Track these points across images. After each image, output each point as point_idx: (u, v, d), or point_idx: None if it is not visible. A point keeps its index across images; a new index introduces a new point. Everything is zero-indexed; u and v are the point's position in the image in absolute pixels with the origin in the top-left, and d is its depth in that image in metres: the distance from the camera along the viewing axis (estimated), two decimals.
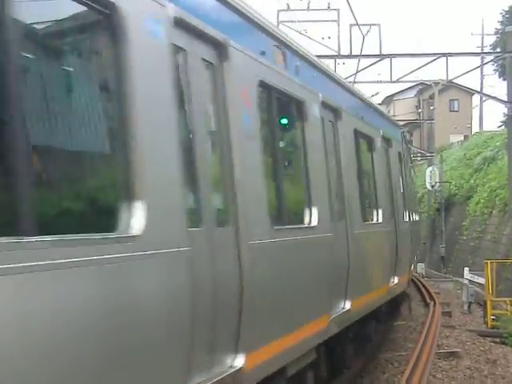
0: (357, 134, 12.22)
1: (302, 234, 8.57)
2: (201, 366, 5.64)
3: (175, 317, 5.20)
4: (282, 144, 8.77)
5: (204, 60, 6.24)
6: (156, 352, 4.87)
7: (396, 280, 15.17)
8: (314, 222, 8.87)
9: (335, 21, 30.01)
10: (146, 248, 4.79)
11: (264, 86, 7.61)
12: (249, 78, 7.14)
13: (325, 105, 10.07)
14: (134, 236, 4.69)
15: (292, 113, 8.97)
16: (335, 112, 10.81)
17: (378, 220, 13.65)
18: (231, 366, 6.22)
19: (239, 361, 6.30)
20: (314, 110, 9.44)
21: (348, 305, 10.50)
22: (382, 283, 14.01)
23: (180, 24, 5.66)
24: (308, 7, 32.08)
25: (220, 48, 6.45)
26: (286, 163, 9.15)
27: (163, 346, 5.04)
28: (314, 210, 8.91)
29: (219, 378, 5.88)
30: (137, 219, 4.73)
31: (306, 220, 8.82)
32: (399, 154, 17.98)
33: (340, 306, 10.33)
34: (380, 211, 13.69)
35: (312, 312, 8.92)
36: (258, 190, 7.13)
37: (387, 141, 15.62)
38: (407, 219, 18.72)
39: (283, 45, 8.40)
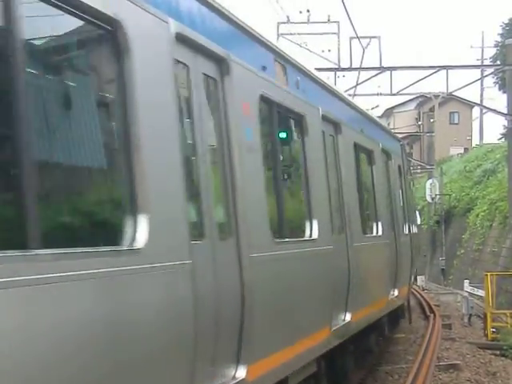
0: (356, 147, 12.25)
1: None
2: (203, 378, 5.70)
3: (178, 329, 5.22)
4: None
5: (205, 75, 6.23)
6: (160, 363, 4.91)
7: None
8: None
9: (335, 33, 30.01)
10: (148, 261, 4.82)
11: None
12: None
13: (325, 118, 10.10)
14: (137, 249, 4.73)
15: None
16: (335, 126, 10.81)
17: (377, 233, 14.05)
18: (233, 377, 6.33)
19: (241, 372, 6.39)
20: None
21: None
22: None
23: (182, 39, 5.66)
24: (308, 20, 32.09)
25: (221, 63, 6.44)
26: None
27: (167, 357, 5.07)
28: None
29: None
30: (140, 233, 4.76)
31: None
32: (399, 167, 18.23)
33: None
34: (380, 224, 14.02)
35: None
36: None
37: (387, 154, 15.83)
38: (407, 231, 18.88)
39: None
